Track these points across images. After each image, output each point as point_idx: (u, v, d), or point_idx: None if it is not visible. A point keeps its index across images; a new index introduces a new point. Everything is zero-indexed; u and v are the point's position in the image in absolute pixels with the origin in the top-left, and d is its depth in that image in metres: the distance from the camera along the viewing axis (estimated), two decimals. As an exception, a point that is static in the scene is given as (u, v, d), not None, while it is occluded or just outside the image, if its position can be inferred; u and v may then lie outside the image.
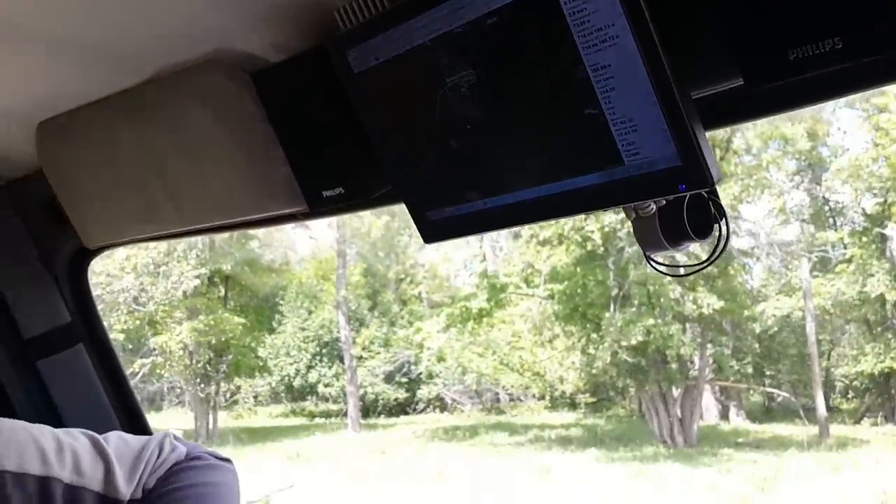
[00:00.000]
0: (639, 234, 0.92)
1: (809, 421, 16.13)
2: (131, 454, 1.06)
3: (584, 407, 22.80)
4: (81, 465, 1.01)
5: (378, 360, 23.09)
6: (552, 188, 0.92)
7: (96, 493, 1.01)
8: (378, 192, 1.14)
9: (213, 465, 1.10)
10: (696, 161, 0.80)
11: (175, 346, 16.52)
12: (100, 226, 1.61)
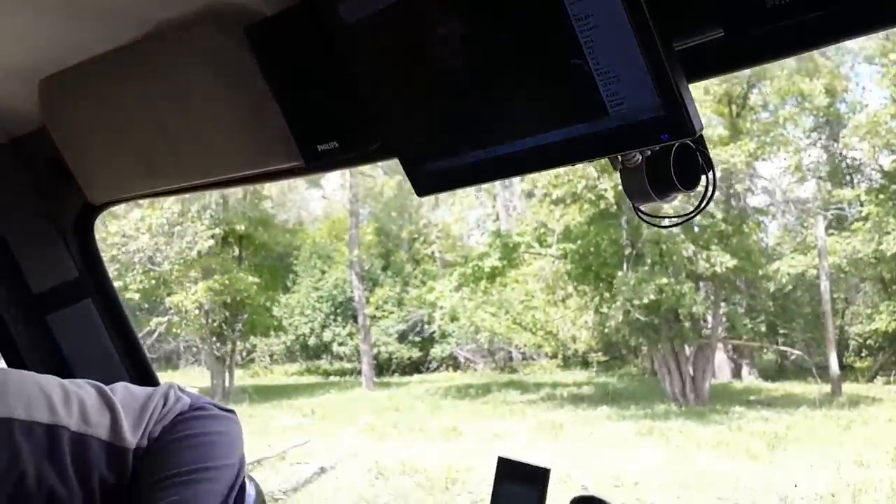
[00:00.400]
0: (626, 186, 0.92)
1: (822, 379, 16.15)
2: (137, 404, 1.09)
3: (596, 366, 22.92)
4: (88, 413, 1.04)
5: (391, 319, 23.25)
6: (540, 140, 0.92)
7: (103, 440, 1.03)
8: (372, 145, 1.15)
9: (217, 415, 1.12)
10: (678, 110, 0.81)
11: (190, 306, 16.65)
12: (104, 182, 1.63)
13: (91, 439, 1.03)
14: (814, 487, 7.90)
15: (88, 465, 1.02)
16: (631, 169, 0.90)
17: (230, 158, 1.37)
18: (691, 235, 14.43)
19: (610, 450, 10.32)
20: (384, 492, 9.01)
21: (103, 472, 1.03)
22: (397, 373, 23.06)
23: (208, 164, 1.42)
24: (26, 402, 1.00)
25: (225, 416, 1.13)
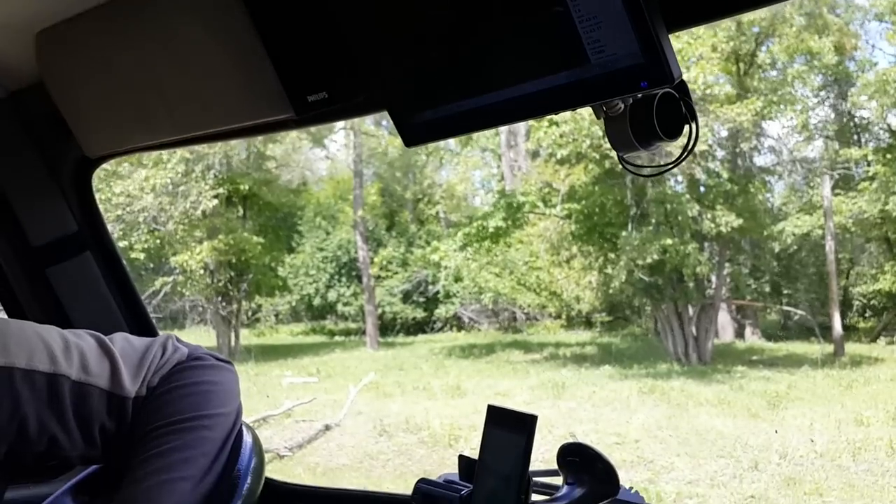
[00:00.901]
0: (610, 134, 0.93)
1: (825, 339, 16.21)
2: (136, 354, 1.11)
3: (599, 326, 23.03)
4: (88, 363, 1.06)
5: (396, 279, 23.35)
6: (524, 89, 0.93)
7: (103, 389, 1.06)
8: (361, 96, 1.15)
9: (214, 365, 1.15)
10: (657, 58, 0.81)
11: (195, 265, 16.71)
12: (101, 135, 1.64)
13: (91, 388, 1.05)
14: (813, 446, 7.97)
15: (89, 413, 1.05)
16: (614, 118, 0.91)
17: (223, 110, 1.38)
18: (696, 195, 14.38)
19: (611, 408, 10.42)
20: (388, 448, 9.13)
21: (104, 421, 1.06)
22: (401, 333, 23.22)
23: (202, 117, 1.43)
24: (27, 351, 1.02)
25: (222, 367, 1.15)
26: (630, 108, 0.90)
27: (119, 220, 15.31)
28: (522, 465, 1.04)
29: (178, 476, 1.00)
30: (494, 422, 1.12)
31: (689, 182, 14.60)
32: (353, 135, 21.60)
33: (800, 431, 8.56)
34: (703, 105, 13.78)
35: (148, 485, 0.98)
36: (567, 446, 1.20)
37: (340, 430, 9.83)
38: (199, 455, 1.02)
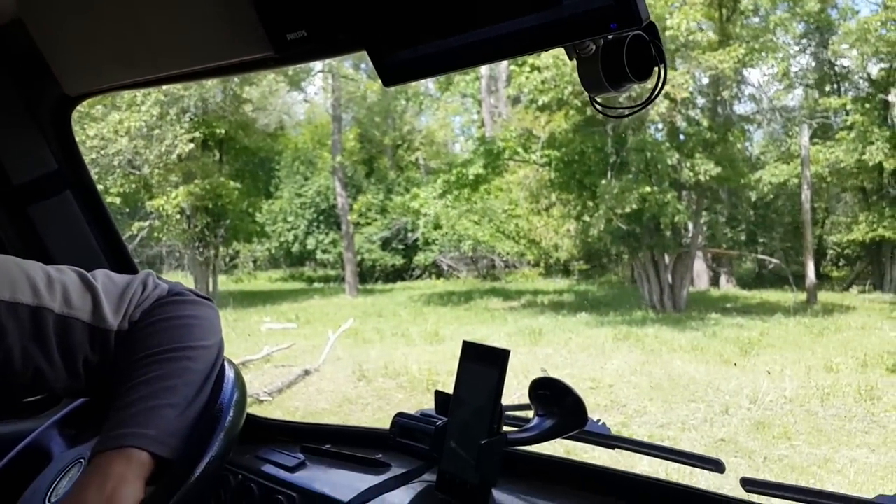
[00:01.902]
0: (582, 76, 0.94)
1: (798, 288, 16.46)
2: (117, 289, 1.13)
3: (577, 274, 23.22)
4: (71, 297, 1.08)
5: (375, 226, 23.32)
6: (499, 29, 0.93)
7: (85, 322, 1.08)
8: (340, 35, 1.15)
9: (195, 300, 1.16)
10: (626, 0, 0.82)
11: (172, 210, 16.57)
12: (80, 73, 1.62)
13: (74, 321, 1.07)
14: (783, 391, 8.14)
15: (73, 346, 1.07)
16: (586, 59, 0.92)
17: (202, 48, 1.37)
18: (676, 143, 14.40)
19: (587, 354, 10.55)
20: (367, 393, 9.22)
21: (87, 353, 1.08)
22: (381, 280, 23.28)
23: (181, 55, 1.42)
24: (10, 285, 1.04)
25: (203, 302, 1.17)
26: (601, 50, 0.92)
27: (94, 164, 15.07)
28: (495, 398, 1.07)
29: (164, 403, 1.02)
30: (469, 357, 1.15)
31: (669, 130, 14.61)
32: (332, 78, 21.31)
33: (770, 377, 8.74)
34: (686, 52, 13.71)
35: (134, 411, 1.00)
36: (538, 381, 1.24)
37: (319, 375, 9.89)
38: (181, 384, 1.04)
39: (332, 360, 10.35)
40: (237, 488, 1.52)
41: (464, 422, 1.11)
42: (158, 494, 0.99)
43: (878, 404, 7.40)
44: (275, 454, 1.58)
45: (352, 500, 1.34)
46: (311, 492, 1.41)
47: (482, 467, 1.03)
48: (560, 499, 1.30)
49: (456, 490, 1.05)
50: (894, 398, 7.53)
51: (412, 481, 1.40)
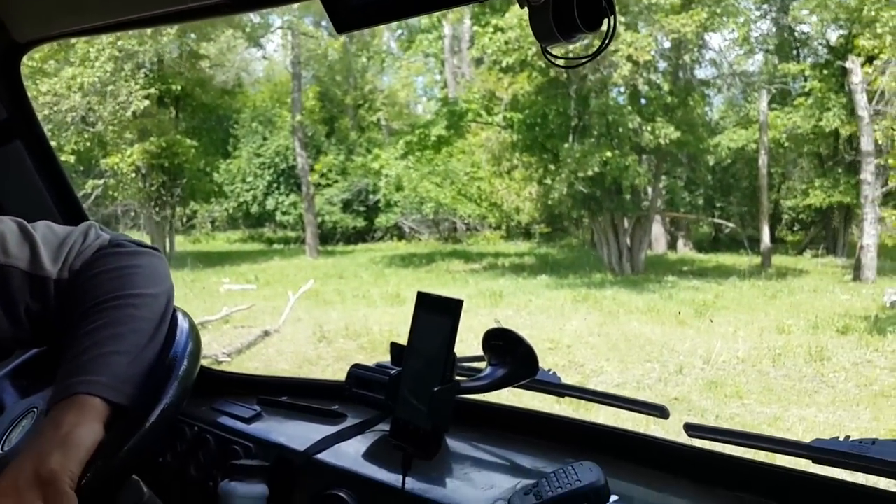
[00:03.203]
0: (534, 26, 0.94)
1: (753, 252, 16.76)
2: (56, 239, 1.12)
3: (538, 237, 23.35)
4: (8, 246, 1.07)
5: (336, 188, 23.12)
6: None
7: (23, 271, 1.07)
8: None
9: (138, 251, 1.15)
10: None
11: (127, 169, 16.27)
12: (29, 19, 1.58)
13: (11, 269, 1.06)
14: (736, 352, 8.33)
15: (12, 294, 1.07)
16: (537, 8, 0.92)
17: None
18: (637, 107, 14.47)
19: (546, 316, 10.67)
20: (327, 354, 9.22)
21: (28, 302, 1.07)
22: (342, 242, 23.17)
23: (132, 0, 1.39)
24: None
25: (146, 251, 1.16)
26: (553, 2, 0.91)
27: (47, 120, 14.69)
28: (448, 346, 1.08)
29: (112, 350, 1.01)
30: (423, 307, 1.16)
31: (631, 94, 14.67)
32: (291, 34, 20.90)
33: (724, 338, 8.92)
34: (649, 15, 13.73)
35: (84, 359, 1.00)
36: (491, 331, 1.25)
37: (279, 336, 9.87)
38: (129, 332, 1.03)
39: (292, 321, 10.32)
40: (193, 439, 1.52)
41: (417, 371, 1.12)
42: (112, 441, 0.99)
43: (827, 365, 7.60)
44: (231, 406, 1.59)
45: (307, 448, 1.35)
46: (267, 442, 1.42)
47: (435, 414, 1.05)
48: (510, 445, 1.33)
49: (409, 436, 1.06)
50: (843, 359, 7.74)
51: (368, 430, 1.42)
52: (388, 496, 1.16)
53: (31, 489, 0.90)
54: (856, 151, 15.10)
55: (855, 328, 9.11)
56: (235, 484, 1.30)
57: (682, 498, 1.10)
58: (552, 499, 0.99)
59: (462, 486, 1.20)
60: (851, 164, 16.08)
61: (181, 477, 1.49)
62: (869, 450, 0.97)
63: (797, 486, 1.05)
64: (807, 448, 1.02)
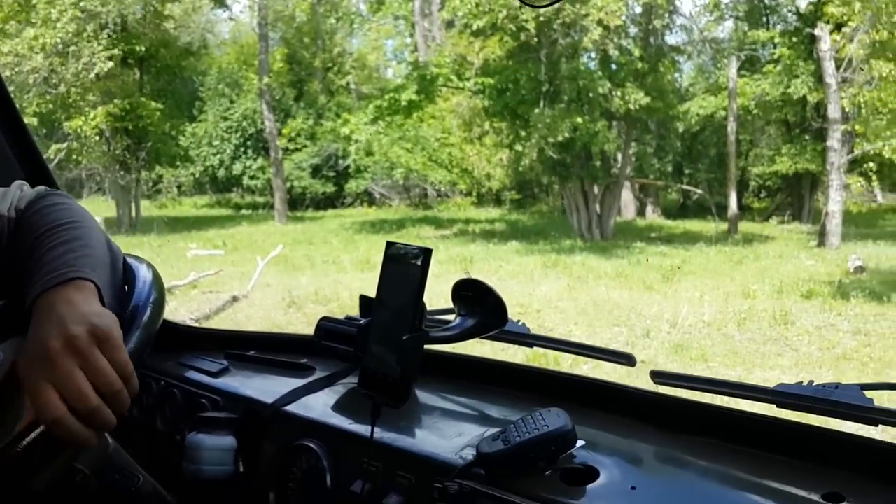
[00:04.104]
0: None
1: (721, 218, 16.95)
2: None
3: (509, 203, 23.41)
4: None
5: (305, 153, 22.88)
6: None
7: None
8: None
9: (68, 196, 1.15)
10: None
11: (90, 132, 15.97)
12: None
13: None
14: (702, 316, 8.44)
15: None
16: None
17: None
18: (608, 73, 14.46)
19: (516, 281, 10.71)
20: (297, 319, 9.19)
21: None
22: (311, 207, 22.99)
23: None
24: None
25: None
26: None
27: (8, 82, 14.29)
28: (417, 296, 1.07)
29: (88, 253, 0.99)
30: (392, 257, 1.14)
31: (602, 59, 14.64)
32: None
33: (690, 303, 9.03)
34: (620, -23, 13.68)
35: (64, 259, 0.96)
36: (461, 282, 1.25)
37: (248, 301, 9.80)
38: (92, 246, 1.01)
39: (261, 286, 10.25)
40: (159, 393, 1.50)
41: (386, 321, 1.11)
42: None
43: (791, 329, 7.72)
44: (198, 360, 1.57)
45: (276, 401, 1.34)
46: (234, 395, 1.41)
47: (403, 362, 1.04)
48: (479, 396, 1.34)
49: (377, 385, 1.06)
50: (807, 323, 7.87)
51: (337, 383, 1.41)
52: (357, 446, 1.16)
53: (90, 346, 0.85)
54: (823, 119, 15.26)
55: (819, 293, 9.27)
56: (203, 436, 1.29)
57: (649, 444, 1.11)
58: (520, 444, 0.99)
59: (430, 435, 1.21)
60: (818, 132, 16.26)
61: (148, 431, 1.48)
62: (832, 393, 0.99)
63: (761, 430, 1.06)
64: (771, 393, 1.03)
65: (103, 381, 0.85)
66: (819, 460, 0.99)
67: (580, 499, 0.95)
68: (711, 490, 0.98)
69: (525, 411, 1.05)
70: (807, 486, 0.94)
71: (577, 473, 1.00)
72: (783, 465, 1.01)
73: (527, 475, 0.99)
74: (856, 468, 0.96)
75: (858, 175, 16.27)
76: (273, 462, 1.27)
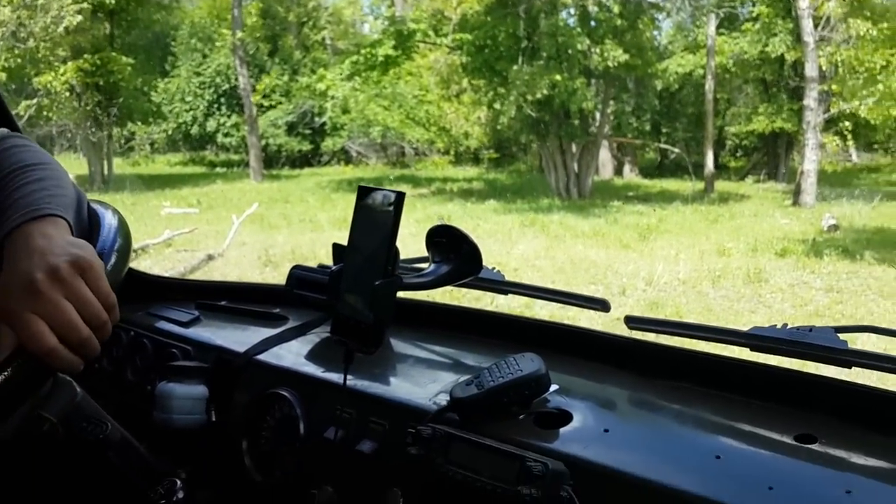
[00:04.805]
0: None
1: (697, 177, 17.03)
2: None
3: (487, 162, 23.34)
4: None
5: (280, 110, 22.58)
6: None
7: None
8: None
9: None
10: None
11: (60, 87, 15.67)
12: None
13: None
14: (677, 274, 8.51)
15: None
16: None
17: None
18: (587, 29, 14.34)
19: (494, 240, 10.71)
20: (273, 278, 9.13)
21: None
22: (287, 166, 22.78)
23: None
24: None
25: None
26: None
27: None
28: (390, 240, 1.05)
29: (62, 193, 0.98)
30: (364, 202, 1.12)
31: (581, 15, 14.51)
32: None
33: (666, 261, 9.09)
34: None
35: (37, 196, 0.94)
36: (435, 228, 1.23)
37: (224, 260, 9.73)
38: (56, 186, 0.99)
39: (236, 245, 10.18)
40: (129, 344, 1.48)
41: (359, 267, 1.09)
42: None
43: (764, 286, 7.81)
44: (168, 310, 1.55)
45: (248, 350, 1.33)
46: (206, 344, 1.39)
47: (376, 307, 1.02)
48: (453, 343, 1.33)
49: (350, 331, 1.04)
50: (781, 280, 7.96)
51: (310, 332, 1.40)
52: (330, 393, 1.15)
53: (73, 276, 0.84)
54: (800, 78, 15.29)
55: (793, 251, 9.37)
56: (173, 385, 1.27)
57: (622, 388, 1.11)
58: (493, 388, 0.99)
59: (404, 382, 1.20)
60: (795, 91, 16.29)
61: (118, 381, 1.46)
62: (806, 336, 0.99)
63: (735, 373, 1.06)
64: (745, 336, 1.03)
65: (90, 312, 0.85)
66: (792, 402, 0.99)
67: (553, 441, 0.94)
68: (684, 433, 0.98)
69: (499, 357, 1.04)
70: (780, 428, 0.94)
71: (550, 417, 1.00)
72: (757, 407, 1.01)
73: (500, 419, 0.99)
74: (828, 410, 0.97)
75: (834, 134, 16.37)
76: (245, 411, 1.26)
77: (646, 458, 0.88)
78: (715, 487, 0.81)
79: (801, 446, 0.89)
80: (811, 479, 0.83)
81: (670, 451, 0.92)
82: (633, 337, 1.17)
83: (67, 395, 1.10)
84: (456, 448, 0.92)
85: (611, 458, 0.88)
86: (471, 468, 0.89)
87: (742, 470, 0.86)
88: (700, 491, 0.81)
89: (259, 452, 1.23)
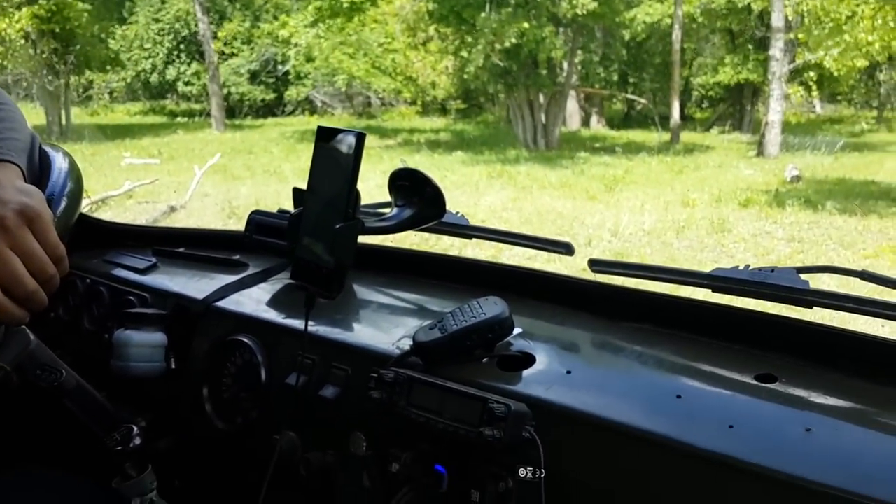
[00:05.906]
0: None
1: (663, 128, 17.09)
2: None
3: (454, 113, 23.19)
4: None
5: (241, 58, 22.13)
6: None
7: None
8: None
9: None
10: None
11: (15, 35, 15.20)
12: None
13: None
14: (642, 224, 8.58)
15: None
16: None
17: None
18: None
19: (461, 191, 10.68)
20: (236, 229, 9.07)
21: None
22: (250, 115, 22.42)
23: None
24: None
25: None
26: None
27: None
28: (350, 182, 1.03)
29: (14, 137, 0.96)
30: (324, 142, 1.09)
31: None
32: None
33: (631, 212, 9.15)
34: None
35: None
36: (398, 172, 1.21)
37: (186, 211, 9.60)
38: (9, 129, 0.97)
39: (199, 196, 10.04)
40: (85, 292, 1.45)
41: (319, 210, 1.07)
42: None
43: (728, 236, 7.91)
44: (124, 257, 1.51)
45: (207, 297, 1.30)
46: (163, 292, 1.36)
47: (337, 251, 1.00)
48: (416, 289, 1.32)
49: (310, 276, 1.02)
50: (743, 230, 8.07)
51: (270, 278, 1.38)
52: (291, 339, 1.14)
53: (20, 227, 0.82)
54: (766, 28, 15.30)
55: (756, 201, 9.49)
56: (131, 332, 1.25)
57: (585, 331, 1.11)
58: (457, 331, 0.98)
59: (367, 328, 1.19)
60: (761, 41, 16.33)
61: (75, 330, 1.43)
62: (768, 277, 0.99)
63: (696, 314, 1.07)
64: (707, 277, 1.03)
65: (36, 265, 0.83)
66: (753, 343, 1.00)
67: (516, 384, 0.94)
68: (646, 374, 0.98)
69: (462, 302, 1.03)
70: (740, 368, 0.95)
71: (513, 360, 1.00)
72: (718, 348, 1.01)
73: (464, 363, 0.98)
74: (788, 349, 0.97)
75: (799, 85, 16.47)
76: (206, 358, 1.24)
77: (607, 399, 0.88)
78: (676, 427, 0.81)
79: (762, 385, 0.90)
80: (771, 417, 0.84)
81: (632, 391, 0.92)
82: (597, 280, 1.16)
83: (21, 342, 1.09)
84: (418, 391, 0.91)
85: (573, 399, 0.88)
86: (434, 411, 0.89)
87: (703, 409, 0.87)
88: (661, 430, 0.81)
89: (220, 399, 1.22)
